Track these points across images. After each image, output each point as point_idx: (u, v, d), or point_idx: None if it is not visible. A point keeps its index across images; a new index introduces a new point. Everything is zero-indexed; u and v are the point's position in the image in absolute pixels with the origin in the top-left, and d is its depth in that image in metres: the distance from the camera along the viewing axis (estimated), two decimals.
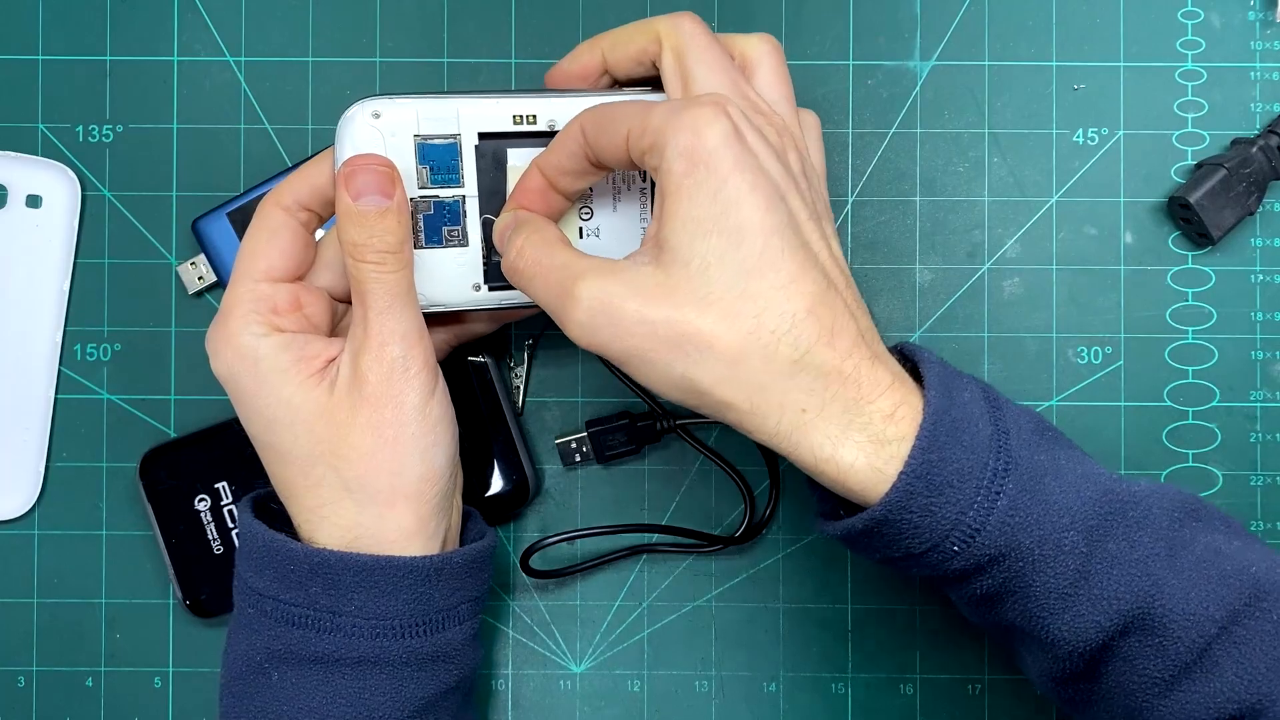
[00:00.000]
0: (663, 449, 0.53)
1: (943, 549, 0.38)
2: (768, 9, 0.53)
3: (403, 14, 0.53)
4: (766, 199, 0.38)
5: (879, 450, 0.37)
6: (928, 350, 0.41)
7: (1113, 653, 0.39)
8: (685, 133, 0.37)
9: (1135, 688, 0.39)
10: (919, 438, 0.37)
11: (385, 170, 0.41)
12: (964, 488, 0.37)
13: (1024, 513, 0.37)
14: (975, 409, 0.39)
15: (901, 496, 0.37)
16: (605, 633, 0.53)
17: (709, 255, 0.37)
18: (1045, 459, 0.39)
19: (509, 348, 0.53)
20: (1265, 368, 0.52)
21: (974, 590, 0.39)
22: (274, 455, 0.42)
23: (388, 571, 0.41)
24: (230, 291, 0.42)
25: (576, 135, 0.41)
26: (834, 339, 0.38)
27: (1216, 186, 0.50)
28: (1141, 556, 0.38)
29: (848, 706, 0.53)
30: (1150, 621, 0.38)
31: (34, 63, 0.53)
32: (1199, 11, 0.53)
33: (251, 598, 0.42)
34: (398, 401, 0.41)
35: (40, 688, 0.53)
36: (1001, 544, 0.38)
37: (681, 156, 0.37)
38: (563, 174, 0.42)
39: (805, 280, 0.38)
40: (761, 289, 0.37)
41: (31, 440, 0.52)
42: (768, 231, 0.37)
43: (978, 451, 0.38)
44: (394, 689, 0.41)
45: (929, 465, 0.37)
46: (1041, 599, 0.38)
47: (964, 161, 0.53)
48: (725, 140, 0.37)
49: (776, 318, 0.37)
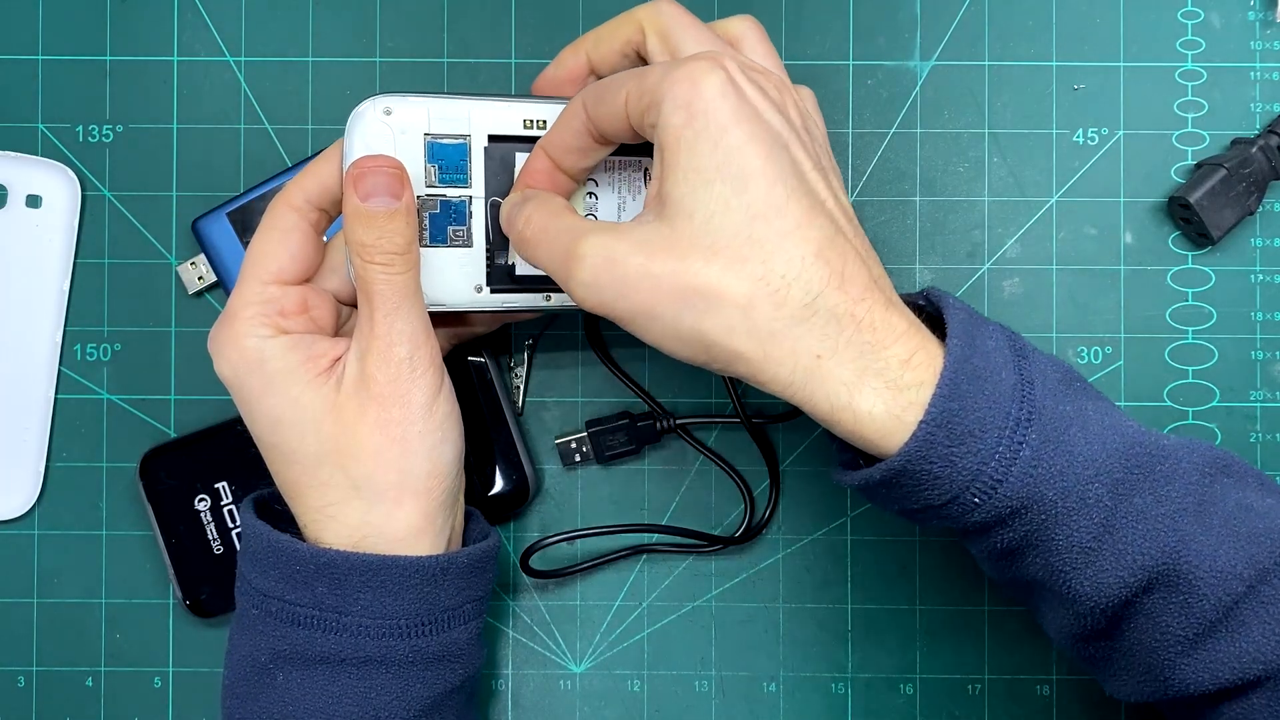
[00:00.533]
0: (663, 449, 0.53)
1: (963, 500, 0.37)
2: (768, 10, 0.53)
3: (403, 14, 0.53)
4: (768, 146, 0.37)
5: (896, 397, 0.36)
6: (954, 297, 0.40)
7: (1136, 609, 0.38)
8: (682, 85, 0.37)
9: (1158, 645, 0.38)
10: (940, 385, 0.36)
11: (394, 171, 0.41)
12: (985, 437, 0.36)
13: (1047, 464, 0.37)
14: (999, 357, 0.38)
15: (921, 446, 0.36)
16: (605, 633, 0.53)
17: (712, 204, 0.37)
18: (1071, 409, 0.38)
19: (509, 347, 0.53)
20: (1265, 368, 0.52)
21: (995, 544, 0.39)
22: (279, 456, 0.42)
23: (394, 571, 0.41)
24: (238, 293, 0.42)
25: (578, 111, 0.40)
26: (845, 283, 0.37)
27: (1216, 186, 0.50)
28: (1169, 511, 0.37)
29: (848, 706, 0.53)
30: (1175, 578, 0.37)
31: (34, 63, 0.53)
32: (1199, 11, 0.53)
33: (255, 598, 0.42)
34: (405, 400, 0.41)
35: (40, 688, 0.53)
36: (1024, 496, 0.37)
37: (679, 109, 0.37)
38: (567, 152, 0.41)
39: (812, 225, 0.37)
40: (768, 234, 0.36)
41: (31, 440, 0.52)
42: (771, 178, 0.37)
43: (1000, 401, 0.37)
44: (400, 689, 0.41)
45: (949, 414, 0.36)
46: (1064, 553, 0.37)
47: (964, 161, 0.53)
48: (723, 90, 0.37)
49: (785, 262, 0.36)
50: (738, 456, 0.53)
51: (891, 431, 0.37)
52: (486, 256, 0.44)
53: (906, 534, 0.53)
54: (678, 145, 0.37)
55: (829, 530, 0.53)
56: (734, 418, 0.52)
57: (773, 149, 0.37)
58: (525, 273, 0.45)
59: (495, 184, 0.44)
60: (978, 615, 0.53)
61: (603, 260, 0.38)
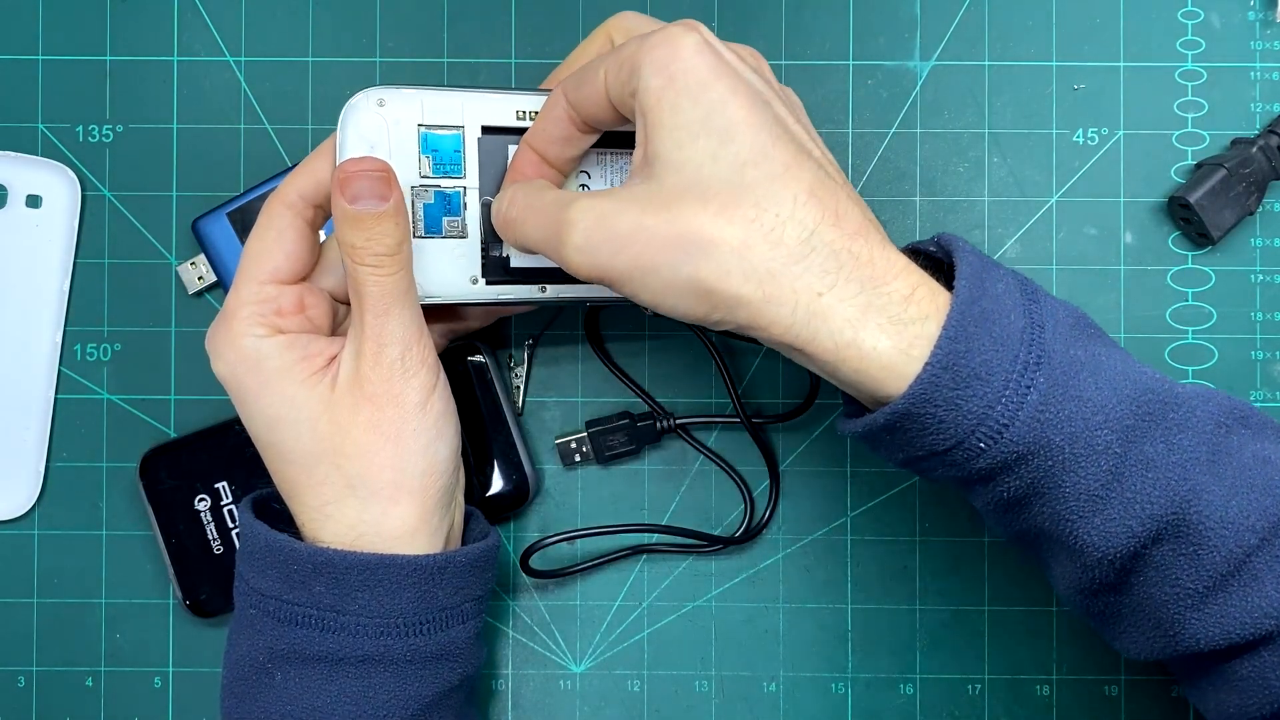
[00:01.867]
0: (663, 449, 0.53)
1: (968, 445, 0.36)
2: (768, 10, 0.53)
3: (403, 14, 0.53)
4: (749, 98, 0.37)
5: (901, 331, 0.36)
6: (965, 240, 0.39)
7: (1144, 561, 0.37)
8: (659, 49, 0.37)
9: (1167, 599, 0.37)
10: (945, 326, 0.36)
11: (381, 173, 0.41)
12: (992, 380, 0.36)
13: (1055, 409, 0.36)
14: (1009, 300, 0.37)
15: (926, 388, 0.36)
16: (605, 633, 0.53)
17: (699, 156, 0.36)
18: (1082, 354, 0.37)
19: (509, 347, 0.53)
20: (1265, 368, 0.52)
21: (1000, 493, 0.38)
22: (277, 454, 0.42)
23: (392, 570, 0.41)
24: (235, 293, 0.42)
25: (559, 101, 0.41)
26: (840, 220, 0.37)
27: (1216, 186, 0.50)
28: (1180, 460, 0.36)
29: (848, 706, 0.53)
30: (1186, 529, 0.36)
31: (34, 63, 0.53)
32: (1199, 11, 0.53)
33: (253, 598, 0.42)
34: (398, 400, 0.41)
35: (40, 688, 0.53)
36: (1030, 441, 0.36)
37: (658, 71, 0.37)
38: (551, 143, 0.41)
39: (800, 168, 0.37)
40: (757, 178, 0.36)
41: (31, 440, 0.52)
42: (755, 127, 0.37)
43: (1008, 343, 0.36)
44: (398, 687, 0.41)
45: (955, 355, 0.36)
46: (1071, 500, 0.37)
47: (964, 161, 0.53)
48: (699, 48, 0.37)
49: (777, 202, 0.36)
50: (738, 456, 0.53)
51: (899, 367, 0.36)
52: (482, 248, 0.44)
53: (906, 534, 0.53)
54: (659, 106, 0.37)
55: (829, 530, 0.53)
56: (734, 418, 0.52)
57: (754, 101, 0.37)
58: (521, 264, 0.45)
59: (489, 175, 0.44)
60: (978, 615, 0.53)
61: (594, 220, 0.37)
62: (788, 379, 0.53)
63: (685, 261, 0.36)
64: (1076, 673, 0.52)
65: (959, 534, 0.52)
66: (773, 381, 0.53)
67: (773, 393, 0.53)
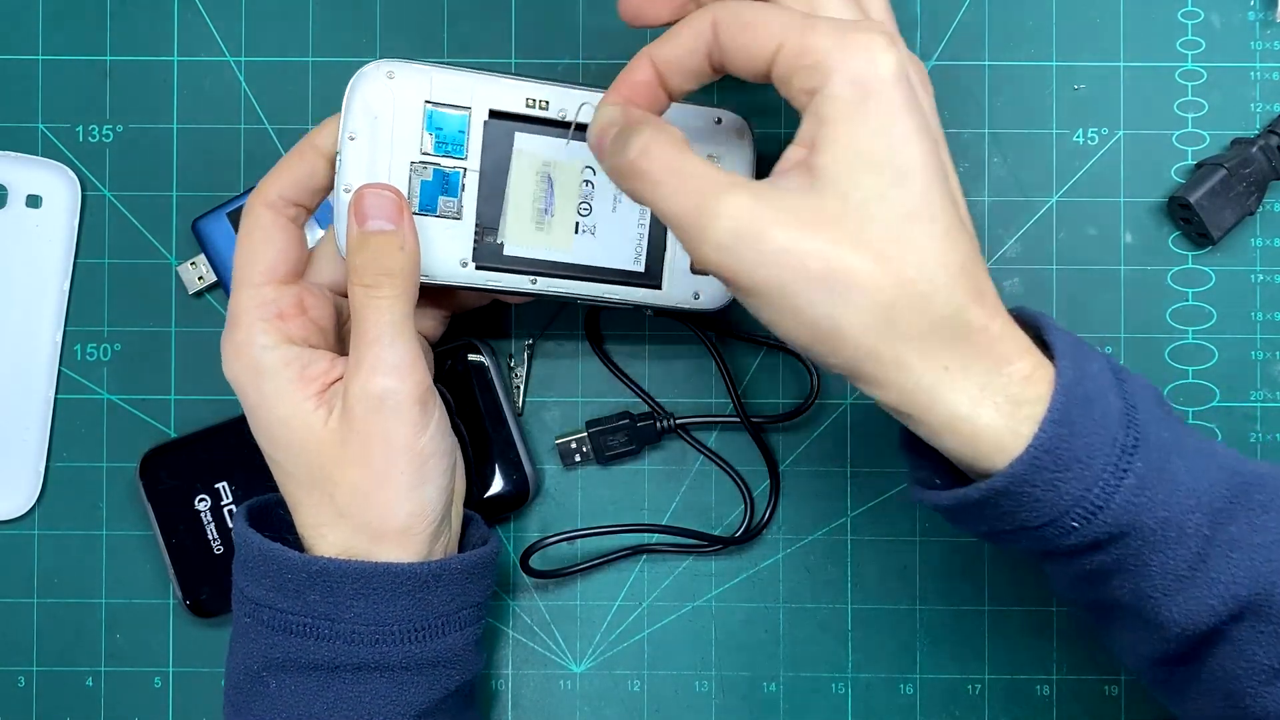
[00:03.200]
0: (663, 449, 0.53)
1: (1060, 524, 0.36)
2: None
3: (403, 14, 0.53)
4: (929, 145, 0.35)
5: (1015, 412, 0.36)
6: (1048, 316, 0.39)
7: (1222, 637, 0.37)
8: (859, 59, 0.34)
9: (1241, 674, 0.37)
10: (1050, 409, 0.35)
11: (392, 197, 0.41)
12: (1092, 463, 0.35)
13: (1149, 493, 0.36)
14: (1104, 380, 0.37)
15: (1028, 469, 0.35)
16: (605, 633, 0.53)
17: (870, 192, 0.34)
18: (1169, 436, 0.37)
19: (509, 346, 0.53)
20: (1265, 368, 0.52)
21: (1083, 566, 0.38)
22: (277, 468, 0.43)
23: (386, 578, 0.41)
24: (234, 300, 0.42)
25: (704, 30, 0.37)
26: (982, 298, 0.36)
27: (1216, 186, 0.50)
28: (1265, 541, 0.36)
29: (848, 706, 0.53)
30: (1268, 608, 0.36)
31: (34, 63, 0.53)
32: (1199, 11, 0.53)
33: (248, 606, 0.42)
34: (385, 438, 0.40)
35: (40, 688, 0.53)
36: (1124, 523, 0.36)
37: (853, 84, 0.34)
38: (677, 70, 0.38)
39: (960, 235, 0.36)
40: (918, 237, 0.35)
41: (31, 440, 0.52)
42: (928, 179, 0.35)
43: (1108, 427, 0.36)
44: (394, 694, 0.41)
45: (1058, 439, 0.35)
46: (1156, 579, 0.37)
47: (964, 161, 0.53)
48: (897, 76, 0.35)
49: (935, 269, 0.35)
50: (738, 457, 0.53)
51: (1006, 444, 0.36)
52: (475, 233, 0.44)
53: (906, 534, 0.53)
54: (846, 122, 0.35)
55: (829, 530, 0.53)
56: (734, 418, 0.52)
57: (932, 148, 0.36)
58: (514, 253, 0.44)
59: (491, 160, 0.44)
60: (978, 615, 0.52)
61: (745, 224, 0.34)
62: (788, 379, 0.53)
63: (826, 300, 0.35)
64: (1076, 673, 0.52)
65: (959, 534, 0.52)
66: (773, 381, 0.53)
67: (773, 393, 0.53)
